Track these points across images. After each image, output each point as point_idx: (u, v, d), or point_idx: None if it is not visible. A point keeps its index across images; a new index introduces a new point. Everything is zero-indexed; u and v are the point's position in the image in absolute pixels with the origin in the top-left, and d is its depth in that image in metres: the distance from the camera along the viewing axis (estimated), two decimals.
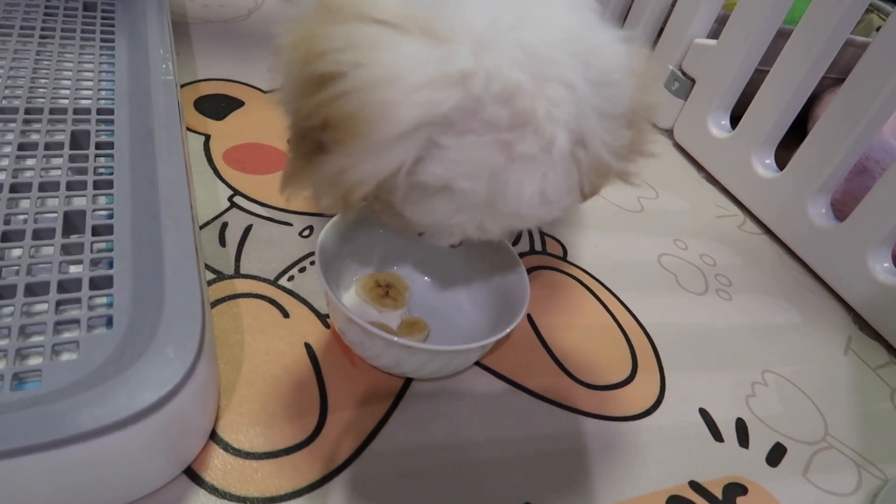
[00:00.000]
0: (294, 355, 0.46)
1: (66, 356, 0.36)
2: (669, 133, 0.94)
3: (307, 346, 0.47)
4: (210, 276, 0.50)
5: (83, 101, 0.55)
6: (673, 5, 0.91)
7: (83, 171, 0.48)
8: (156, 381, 0.33)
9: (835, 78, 0.88)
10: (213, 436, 0.40)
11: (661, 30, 0.94)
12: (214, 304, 0.48)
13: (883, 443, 0.56)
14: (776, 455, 0.51)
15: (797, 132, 0.81)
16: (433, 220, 0.35)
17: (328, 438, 0.42)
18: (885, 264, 0.67)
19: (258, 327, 0.47)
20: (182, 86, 0.70)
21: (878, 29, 1.16)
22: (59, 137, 0.50)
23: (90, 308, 0.39)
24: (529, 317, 0.56)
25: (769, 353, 0.61)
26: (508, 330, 0.42)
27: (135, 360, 0.34)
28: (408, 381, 0.47)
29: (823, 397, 0.58)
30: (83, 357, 0.36)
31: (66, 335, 0.37)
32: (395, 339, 0.39)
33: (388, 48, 0.28)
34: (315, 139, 0.31)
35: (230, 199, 0.58)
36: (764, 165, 0.80)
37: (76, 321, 0.38)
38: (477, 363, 0.50)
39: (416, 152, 0.30)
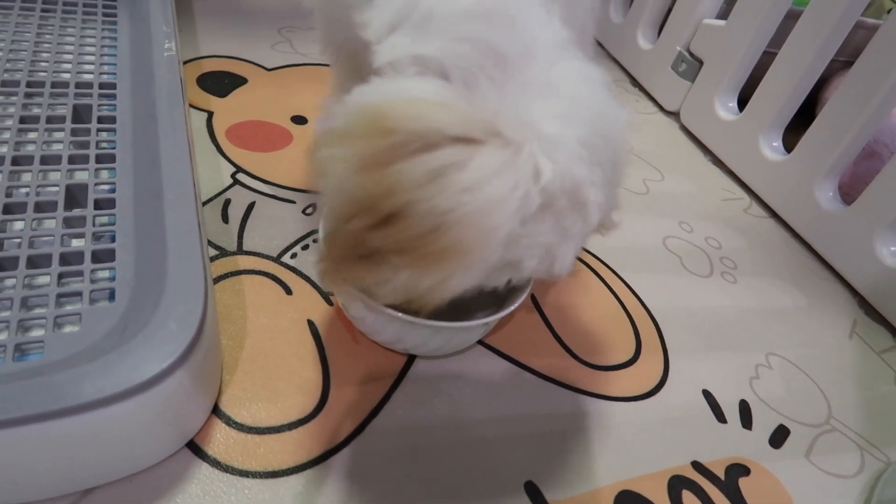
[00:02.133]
0: (297, 332, 0.46)
1: (68, 328, 0.36)
2: (676, 116, 0.93)
3: (310, 322, 0.47)
4: (213, 252, 0.50)
5: (85, 76, 0.54)
6: None
7: (85, 146, 0.48)
8: (158, 353, 0.33)
9: (844, 61, 0.87)
10: (216, 410, 0.40)
11: (670, 10, 0.92)
12: (217, 280, 0.48)
13: (886, 426, 0.56)
14: (779, 437, 0.51)
15: (805, 116, 0.80)
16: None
17: (331, 414, 0.42)
18: (893, 248, 0.67)
19: (261, 304, 0.47)
20: (185, 62, 0.69)
21: (889, 11, 1.15)
22: (60, 111, 0.50)
23: (92, 281, 0.39)
24: (533, 297, 0.56)
25: (774, 337, 0.61)
26: (512, 308, 0.42)
27: (137, 333, 0.34)
28: (410, 360, 0.47)
29: (828, 381, 0.58)
30: (85, 329, 0.36)
31: (69, 307, 0.37)
32: (398, 313, 0.39)
33: (470, 170, 0.28)
34: (369, 249, 0.30)
35: (233, 175, 0.57)
36: (771, 148, 0.79)
37: (78, 294, 0.38)
38: (480, 342, 0.50)
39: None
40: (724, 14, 0.85)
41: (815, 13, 0.72)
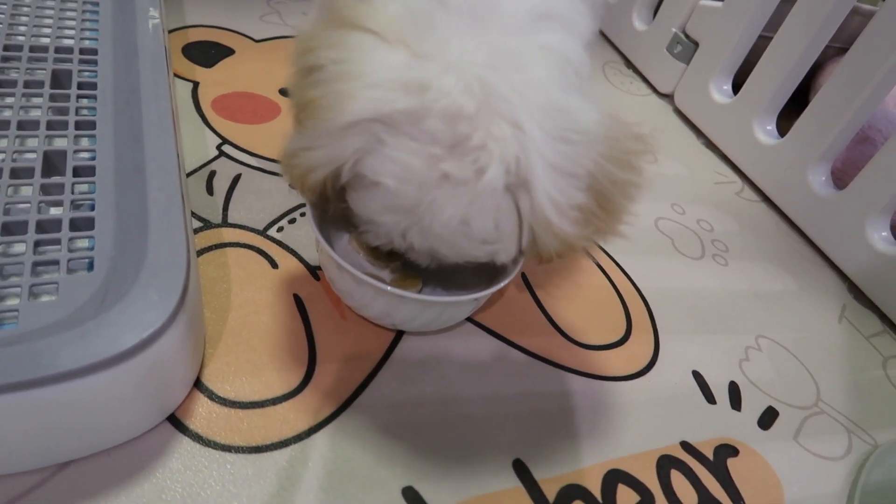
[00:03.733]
0: (282, 306, 0.45)
1: (44, 298, 0.35)
2: (670, 98, 0.92)
3: (296, 297, 0.46)
4: (197, 224, 0.48)
5: (65, 41, 0.53)
6: None
7: (64, 112, 0.46)
8: (138, 323, 0.32)
9: (839, 47, 0.86)
10: (198, 384, 0.39)
11: None
12: (201, 252, 0.46)
13: (874, 409, 0.56)
14: (768, 418, 0.51)
15: (799, 101, 0.79)
16: (365, 213, 0.36)
17: (316, 390, 0.41)
18: (884, 233, 0.67)
19: (246, 277, 0.46)
20: (170, 31, 0.67)
21: None
22: (39, 76, 0.48)
23: (70, 250, 0.38)
24: (524, 276, 0.55)
25: (764, 319, 0.61)
26: (502, 284, 0.41)
27: (116, 302, 0.33)
28: (398, 336, 0.46)
29: (817, 364, 0.58)
30: (62, 299, 0.35)
31: (45, 276, 0.36)
32: (386, 287, 0.38)
33: (365, 52, 0.32)
34: (300, 111, 0.34)
35: (218, 147, 0.56)
36: (765, 132, 0.78)
37: (56, 263, 0.37)
38: (469, 320, 0.49)
39: (362, 145, 0.32)
40: None
41: None
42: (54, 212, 0.40)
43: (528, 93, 0.32)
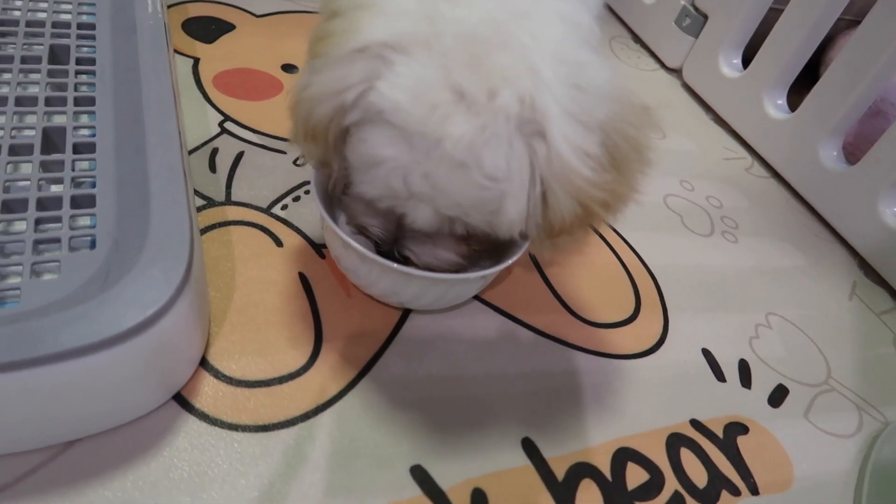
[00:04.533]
0: (288, 284, 0.44)
1: (46, 276, 0.35)
2: (678, 73, 0.90)
3: (301, 275, 0.45)
4: (200, 202, 0.48)
5: (63, 15, 0.52)
6: None
7: (63, 88, 0.45)
8: (142, 300, 0.32)
9: (850, 20, 0.84)
10: (204, 363, 0.38)
11: None
12: (204, 231, 0.46)
13: (884, 387, 0.55)
14: (778, 396, 0.50)
15: (809, 76, 0.78)
16: (368, 153, 0.33)
17: (322, 368, 0.40)
18: (895, 209, 0.66)
19: (250, 255, 0.45)
20: (169, 6, 0.66)
21: None
22: (37, 51, 0.47)
23: (72, 228, 0.37)
24: (531, 255, 0.55)
25: (774, 297, 0.60)
26: (510, 262, 0.41)
27: (119, 280, 0.33)
28: (404, 314, 0.45)
29: (827, 341, 0.57)
30: (64, 277, 0.34)
31: (47, 255, 0.35)
32: (392, 264, 0.37)
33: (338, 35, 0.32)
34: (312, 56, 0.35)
35: (220, 124, 0.55)
36: (776, 106, 0.77)
37: (57, 240, 0.36)
38: (476, 298, 0.49)
39: (371, 70, 0.31)
40: None
41: None
42: (55, 189, 0.39)
43: (541, 40, 0.31)
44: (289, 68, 0.63)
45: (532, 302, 0.50)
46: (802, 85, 0.77)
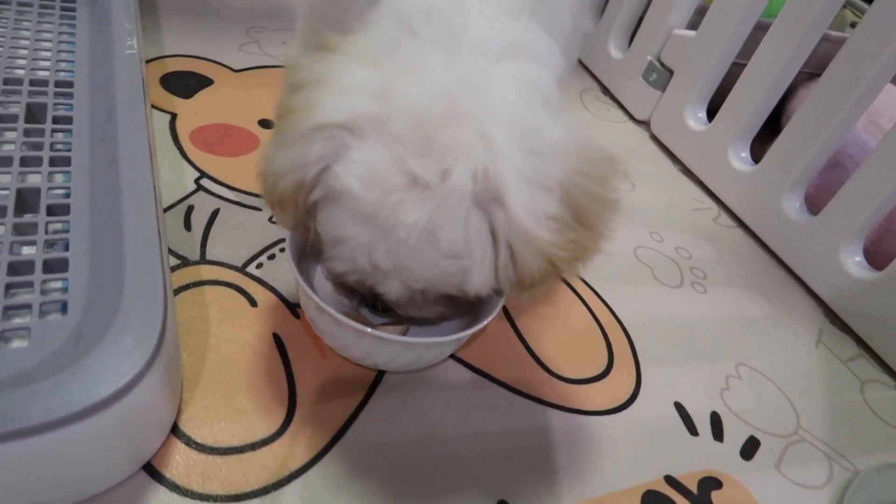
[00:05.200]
0: (262, 346, 0.44)
1: (15, 343, 0.34)
2: (646, 125, 0.93)
3: (276, 336, 0.45)
4: (174, 261, 0.48)
5: (40, 73, 0.52)
6: None
7: (39, 147, 0.46)
8: (113, 371, 0.31)
9: (809, 72, 0.88)
10: (175, 430, 0.38)
11: (641, 19, 0.93)
12: (178, 291, 0.46)
13: (853, 436, 0.56)
14: (750, 448, 0.51)
15: (770, 126, 0.81)
16: (332, 230, 0.34)
17: (297, 433, 0.40)
18: (857, 258, 0.68)
19: (224, 316, 0.45)
20: (147, 61, 0.67)
21: (851, 24, 1.17)
22: (13, 110, 0.47)
23: (43, 292, 0.37)
24: (504, 308, 0.55)
25: (743, 346, 0.61)
26: (484, 323, 0.41)
27: (91, 349, 0.32)
28: (379, 374, 0.45)
29: (796, 390, 0.59)
30: (35, 344, 0.34)
31: (17, 321, 0.35)
32: (368, 329, 0.38)
33: (338, 68, 0.33)
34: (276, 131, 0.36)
35: (197, 181, 0.55)
36: (740, 159, 0.80)
37: (27, 306, 0.36)
38: (451, 355, 0.49)
39: (329, 151, 0.32)
40: (694, 24, 0.86)
41: (783, 25, 0.73)
42: (27, 251, 0.39)
43: (494, 107, 0.32)
44: (266, 123, 0.64)
45: (505, 357, 0.51)
46: (765, 134, 0.80)
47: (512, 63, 0.35)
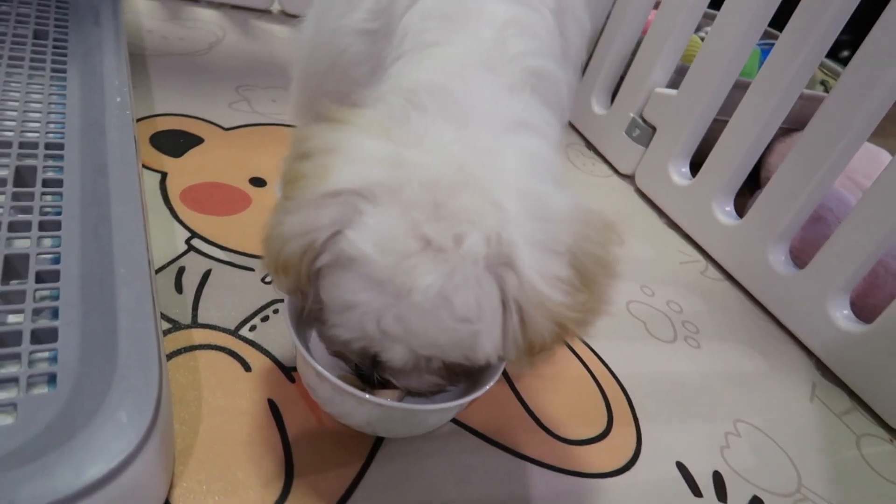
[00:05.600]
0: (257, 413, 0.43)
1: (1, 420, 0.32)
2: (631, 179, 0.95)
3: (271, 402, 0.44)
4: (165, 325, 0.46)
5: (30, 135, 0.51)
6: (633, 55, 0.93)
7: (28, 211, 0.44)
8: (106, 450, 0.30)
9: (785, 128, 0.91)
10: None
11: (623, 77, 0.95)
12: (170, 356, 0.44)
13: (853, 493, 0.56)
14: None
15: (750, 180, 0.83)
16: (340, 296, 0.34)
17: None
18: (845, 311, 0.69)
19: (218, 382, 0.44)
20: (138, 120, 0.66)
21: (821, 83, 1.22)
22: (2, 173, 0.46)
23: (31, 364, 0.35)
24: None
25: (739, 402, 0.61)
26: (486, 387, 0.40)
27: (82, 426, 0.31)
28: (378, 440, 0.44)
29: (794, 446, 0.58)
30: (22, 421, 0.32)
31: (2, 395, 0.33)
32: (369, 397, 0.37)
33: (350, 138, 0.34)
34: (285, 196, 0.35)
35: (188, 241, 0.54)
36: (724, 213, 0.81)
37: (14, 379, 0.34)
38: (451, 419, 0.48)
39: (340, 216, 0.32)
40: (675, 83, 0.88)
41: (762, 85, 0.76)
42: (13, 320, 0.38)
43: (503, 177, 0.33)
44: (257, 182, 0.64)
45: (506, 420, 0.50)
46: (745, 187, 0.82)
47: (517, 137, 0.36)
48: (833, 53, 0.81)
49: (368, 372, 0.38)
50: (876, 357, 0.65)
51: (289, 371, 0.46)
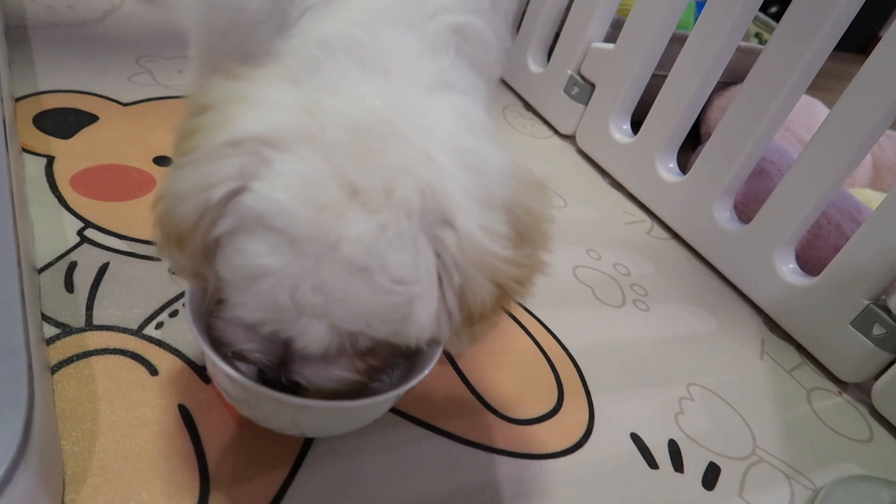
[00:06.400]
0: (165, 422, 0.38)
1: None
2: (572, 139, 0.91)
3: (182, 408, 0.39)
4: (51, 331, 0.40)
5: None
6: (567, 9, 0.89)
7: None
8: None
9: (723, 82, 0.89)
10: None
11: (558, 34, 0.91)
12: (57, 367, 0.38)
13: (807, 450, 0.55)
14: (711, 476, 0.48)
15: (691, 135, 0.81)
16: (245, 264, 0.28)
17: None
18: (791, 265, 0.68)
19: (118, 391, 0.38)
20: (17, 99, 0.59)
21: (756, 35, 1.21)
22: None
23: None
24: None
25: (691, 365, 0.59)
26: (424, 374, 0.37)
27: None
28: (307, 440, 0.40)
29: (747, 406, 0.57)
30: None
31: None
32: (290, 398, 0.32)
33: (256, 87, 0.30)
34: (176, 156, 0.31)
35: (80, 232, 0.48)
36: (668, 170, 0.79)
37: None
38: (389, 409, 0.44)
39: (243, 167, 0.28)
40: (612, 38, 0.85)
41: (699, 37, 0.73)
42: None
43: (432, 131, 0.30)
44: (162, 161, 0.57)
45: (449, 404, 0.46)
46: (686, 143, 0.80)
47: (443, 94, 0.33)
48: (763, 8, 0.80)
49: (275, 373, 0.33)
50: (823, 310, 0.64)
51: (202, 371, 0.41)
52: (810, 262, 0.70)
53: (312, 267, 0.27)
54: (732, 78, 0.88)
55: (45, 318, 0.41)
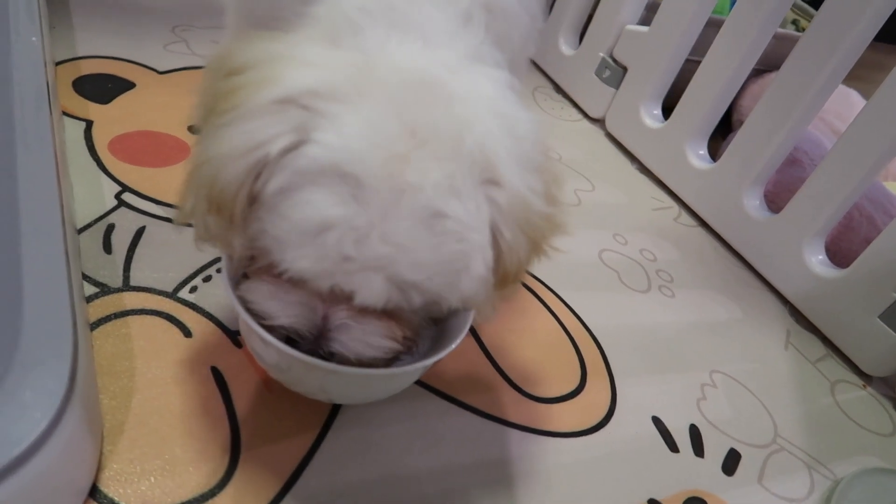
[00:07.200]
0: (198, 383, 0.39)
1: None
2: (601, 123, 0.91)
3: (214, 370, 0.40)
4: (91, 290, 0.41)
5: None
6: None
7: None
8: (8, 435, 0.26)
9: (757, 69, 0.88)
10: (94, 492, 0.32)
11: (591, 15, 0.90)
12: (96, 325, 0.39)
13: (829, 440, 0.54)
14: (731, 463, 0.49)
15: (722, 122, 0.80)
16: (309, 217, 0.28)
17: (242, 483, 0.35)
18: (820, 256, 0.67)
19: (153, 351, 0.39)
20: (58, 63, 0.60)
21: (792, 22, 1.19)
22: None
23: None
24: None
25: (715, 352, 0.59)
26: (453, 346, 0.37)
27: None
28: (335, 406, 0.40)
29: (769, 395, 0.57)
30: None
31: None
32: (319, 362, 0.33)
33: (297, 46, 0.30)
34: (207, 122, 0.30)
35: (118, 196, 0.49)
36: (698, 157, 0.78)
37: None
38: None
39: (297, 123, 0.28)
40: (646, 20, 0.84)
41: (736, 23, 0.72)
42: None
43: (475, 94, 0.31)
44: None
45: (473, 379, 0.47)
46: (717, 130, 0.79)
47: (477, 64, 0.33)
48: None
49: (311, 344, 0.33)
50: (850, 303, 0.63)
51: (234, 335, 0.42)
52: (840, 253, 0.69)
53: (379, 216, 0.27)
54: (767, 65, 0.87)
55: (84, 276, 0.42)
